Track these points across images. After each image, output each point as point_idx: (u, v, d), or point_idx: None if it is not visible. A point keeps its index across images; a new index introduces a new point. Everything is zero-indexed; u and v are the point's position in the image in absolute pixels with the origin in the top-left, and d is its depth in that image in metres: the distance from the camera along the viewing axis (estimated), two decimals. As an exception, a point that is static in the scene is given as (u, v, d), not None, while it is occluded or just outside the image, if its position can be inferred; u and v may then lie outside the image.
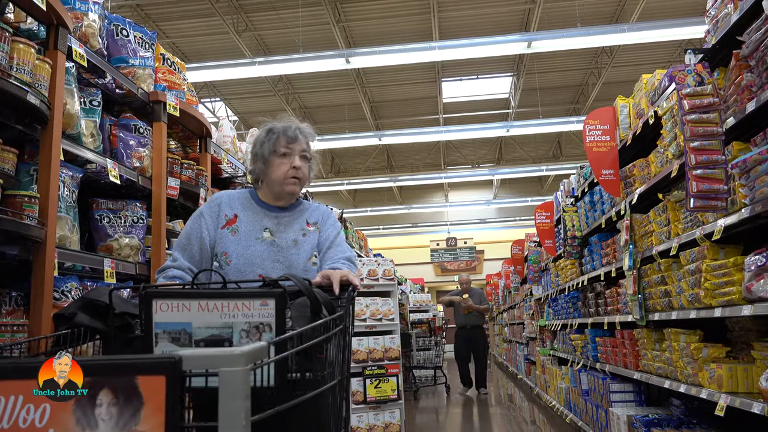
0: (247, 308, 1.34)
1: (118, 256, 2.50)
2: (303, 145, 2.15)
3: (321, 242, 2.15)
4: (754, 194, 2.23)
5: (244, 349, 0.93)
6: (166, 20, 11.67)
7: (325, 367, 1.40)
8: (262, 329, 1.34)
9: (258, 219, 2.11)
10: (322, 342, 1.35)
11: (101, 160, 2.33)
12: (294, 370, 1.31)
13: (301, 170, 2.12)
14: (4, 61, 1.74)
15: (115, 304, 1.47)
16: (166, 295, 1.36)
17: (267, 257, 2.04)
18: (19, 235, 1.80)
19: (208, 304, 1.33)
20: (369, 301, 5.54)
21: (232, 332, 1.33)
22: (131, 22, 2.73)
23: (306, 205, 2.25)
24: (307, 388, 1.30)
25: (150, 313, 1.34)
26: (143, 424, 0.90)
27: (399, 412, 5.43)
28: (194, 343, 1.33)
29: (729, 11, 2.43)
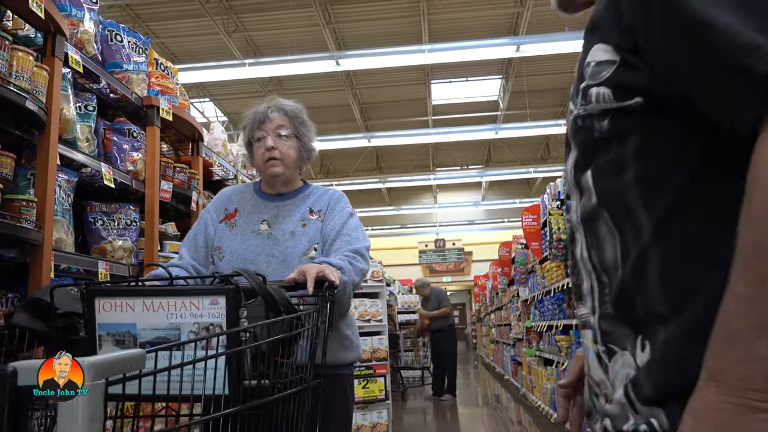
0: (195, 307, 1.21)
1: (111, 258, 2.55)
2: (278, 122, 2.03)
3: (326, 233, 1.98)
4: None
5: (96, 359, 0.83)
6: (156, 20, 11.67)
7: (291, 372, 1.29)
8: (212, 331, 1.21)
9: (257, 210, 2.04)
10: (277, 344, 1.24)
11: (96, 165, 2.38)
12: (251, 377, 1.20)
13: (277, 149, 2.00)
14: (3, 69, 1.79)
15: (60, 303, 1.31)
16: (110, 294, 1.25)
17: (261, 252, 1.95)
18: (17, 238, 1.85)
19: (153, 303, 1.22)
20: (357, 302, 5.60)
21: (180, 334, 1.21)
22: (125, 27, 2.78)
23: (312, 191, 2.12)
24: (266, 396, 1.20)
25: (93, 313, 1.24)
26: None
27: (386, 412, 5.50)
28: (139, 346, 1.21)
29: None
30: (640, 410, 0.71)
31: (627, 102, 0.75)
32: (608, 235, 0.78)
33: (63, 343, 1.32)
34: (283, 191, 2.08)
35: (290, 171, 2.06)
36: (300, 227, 1.98)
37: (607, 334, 0.78)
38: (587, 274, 0.83)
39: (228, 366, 1.16)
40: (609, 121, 0.77)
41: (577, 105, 0.82)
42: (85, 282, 1.30)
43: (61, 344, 1.31)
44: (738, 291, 0.61)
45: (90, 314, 1.25)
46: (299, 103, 2.16)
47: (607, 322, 0.78)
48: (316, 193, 2.10)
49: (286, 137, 2.03)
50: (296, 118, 2.07)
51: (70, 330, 1.35)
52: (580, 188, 0.83)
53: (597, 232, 0.80)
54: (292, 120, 2.06)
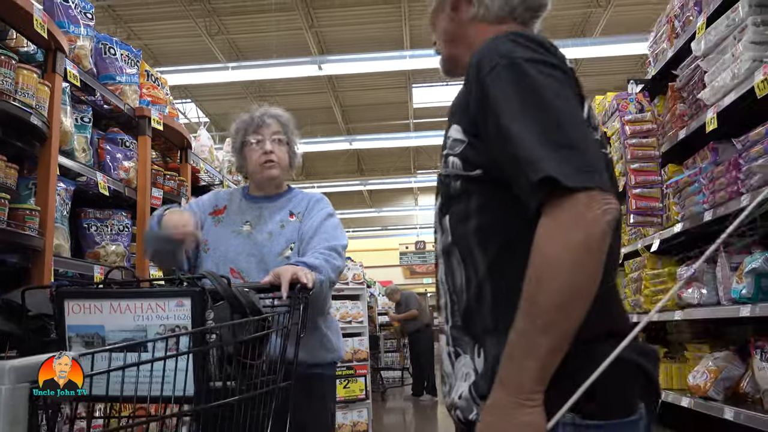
0: (161, 309, 1.21)
1: (105, 262, 2.66)
2: (274, 128, 2.13)
3: (303, 232, 2.05)
4: (684, 212, 2.51)
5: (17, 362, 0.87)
6: (138, 21, 11.67)
7: (259, 374, 1.30)
8: (177, 331, 1.20)
9: (242, 212, 2.13)
10: (243, 346, 1.25)
11: (92, 174, 2.50)
12: (216, 378, 1.22)
13: (274, 153, 2.10)
14: (10, 86, 1.91)
15: (31, 305, 1.33)
16: (78, 295, 1.26)
17: (242, 251, 2.02)
18: (21, 245, 1.97)
19: (120, 304, 1.22)
20: (339, 304, 5.74)
21: (146, 335, 1.21)
22: (118, 40, 2.90)
23: (295, 194, 2.21)
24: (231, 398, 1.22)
25: (62, 314, 1.26)
26: None
27: (366, 411, 5.65)
28: (107, 346, 1.21)
29: (666, 47, 2.71)
30: (480, 404, 0.95)
31: (471, 172, 1.01)
32: (458, 267, 1.05)
33: (35, 345, 1.34)
34: (269, 193, 2.17)
35: (284, 174, 2.18)
36: (278, 228, 2.06)
37: (456, 339, 1.05)
38: (444, 293, 1.09)
39: (194, 368, 1.18)
40: (460, 183, 1.03)
41: (442, 166, 1.09)
42: (55, 284, 1.31)
43: (33, 346, 1.33)
44: (517, 326, 0.89)
45: (59, 316, 1.25)
46: (287, 111, 2.27)
47: (456, 331, 1.05)
48: (298, 196, 2.19)
49: (281, 143, 2.15)
50: (288, 126, 2.19)
51: (41, 332, 1.36)
52: (442, 227, 1.09)
53: (451, 263, 1.07)
54: (284, 127, 2.17)
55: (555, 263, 0.86)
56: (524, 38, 0.99)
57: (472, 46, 1.10)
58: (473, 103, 0.99)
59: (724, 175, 2.20)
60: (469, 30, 1.19)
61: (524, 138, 0.89)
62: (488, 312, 0.99)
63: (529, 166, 0.87)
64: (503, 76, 0.94)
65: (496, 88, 0.94)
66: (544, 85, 0.93)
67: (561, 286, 0.86)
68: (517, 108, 0.91)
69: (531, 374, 0.87)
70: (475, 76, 0.99)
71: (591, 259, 0.86)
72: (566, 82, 0.96)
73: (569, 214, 0.86)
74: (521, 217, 0.93)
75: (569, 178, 0.85)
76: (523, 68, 0.94)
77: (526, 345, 0.87)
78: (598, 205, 0.86)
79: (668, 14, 2.70)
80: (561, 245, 0.86)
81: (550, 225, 0.87)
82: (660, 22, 2.81)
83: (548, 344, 0.86)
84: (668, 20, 2.68)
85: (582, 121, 0.95)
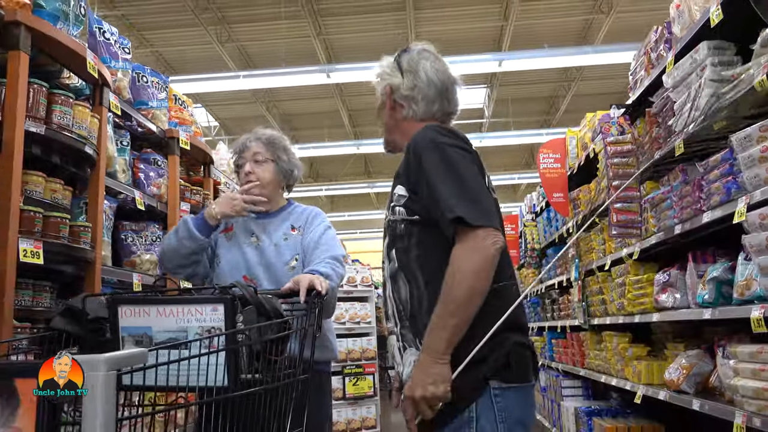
0: (199, 313, 1.40)
1: (140, 269, 2.97)
2: (254, 150, 2.30)
3: (306, 245, 2.25)
4: (659, 225, 2.80)
5: (107, 355, 1.00)
6: (150, 29, 11.98)
7: (282, 368, 1.48)
8: (213, 333, 1.40)
9: (248, 228, 2.32)
10: (268, 344, 1.44)
11: (130, 192, 2.81)
12: (246, 372, 1.40)
13: (254, 174, 2.27)
14: (69, 121, 2.22)
15: (90, 309, 1.54)
16: (130, 302, 1.45)
17: (251, 260, 2.23)
18: (78, 257, 2.28)
19: (165, 309, 1.41)
20: (348, 305, 6.05)
21: (187, 336, 1.40)
22: (150, 69, 3.21)
23: (293, 209, 2.40)
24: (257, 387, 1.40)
25: (116, 318, 1.44)
26: (20, 422, 1.00)
27: (375, 407, 5.95)
28: (155, 345, 1.41)
29: (643, 76, 2.99)
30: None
31: (412, 217, 1.53)
32: (403, 285, 1.56)
33: (93, 344, 1.56)
34: (270, 210, 2.35)
35: (267, 191, 2.32)
36: (283, 240, 2.27)
37: (404, 336, 1.55)
38: (391, 305, 1.60)
39: (227, 362, 1.36)
40: (404, 226, 1.55)
41: (389, 214, 1.60)
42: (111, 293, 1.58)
43: (92, 344, 1.56)
44: (436, 311, 1.41)
45: (114, 319, 1.45)
46: (280, 132, 2.47)
47: (404, 331, 1.55)
48: (297, 211, 2.39)
49: (263, 162, 2.31)
50: (273, 145, 2.34)
51: (98, 332, 1.56)
52: (389, 258, 1.61)
53: (398, 283, 1.57)
54: (268, 146, 2.33)
55: (462, 272, 1.37)
56: (444, 129, 1.57)
57: (405, 134, 1.68)
58: (412, 171, 1.52)
59: (690, 194, 2.49)
60: (402, 124, 1.73)
61: (445, 192, 1.42)
62: (426, 313, 1.47)
63: (448, 210, 1.40)
64: (431, 153, 1.49)
65: (427, 161, 1.48)
66: (457, 161, 1.48)
67: (465, 286, 1.37)
68: (441, 174, 1.45)
69: (443, 343, 1.38)
70: (413, 152, 1.52)
71: (484, 272, 1.38)
72: (470, 159, 1.52)
73: (472, 242, 1.38)
74: (444, 248, 1.44)
75: (473, 220, 1.38)
76: (444, 149, 1.49)
77: (441, 323, 1.39)
78: (491, 238, 1.39)
79: (646, 46, 2.98)
80: (466, 261, 1.38)
81: (459, 248, 1.40)
82: (639, 52, 3.09)
83: (455, 323, 1.38)
84: (645, 52, 2.96)
85: (481, 185, 1.49)
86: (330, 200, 23.10)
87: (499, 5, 11.11)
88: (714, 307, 2.35)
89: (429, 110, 1.71)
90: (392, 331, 1.60)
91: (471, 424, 1.43)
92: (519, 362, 1.46)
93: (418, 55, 1.75)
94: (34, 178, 2.14)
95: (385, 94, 1.76)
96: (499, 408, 1.43)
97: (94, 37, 2.71)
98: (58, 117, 2.18)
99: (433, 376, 1.38)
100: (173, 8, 11.03)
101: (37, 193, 2.14)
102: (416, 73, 1.71)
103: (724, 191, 2.20)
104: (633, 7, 10.84)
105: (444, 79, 1.73)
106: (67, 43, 2.21)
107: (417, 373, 1.41)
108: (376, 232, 23.40)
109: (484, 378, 1.43)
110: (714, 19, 2.19)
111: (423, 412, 1.40)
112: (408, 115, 1.72)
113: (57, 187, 2.26)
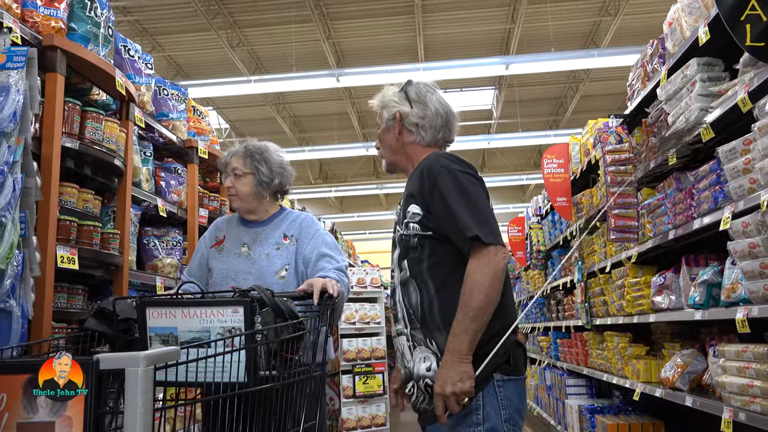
0: (221, 315, 1.50)
1: (162, 273, 3.14)
2: (233, 165, 2.38)
3: (306, 256, 2.29)
4: (655, 230, 2.93)
5: (147, 352, 1.10)
6: (163, 34, 12.20)
7: (297, 365, 1.59)
8: (234, 332, 1.51)
9: (239, 236, 2.38)
10: (284, 343, 1.56)
11: (154, 200, 2.98)
12: (264, 368, 1.50)
13: (233, 187, 2.36)
14: (99, 136, 2.39)
15: (120, 311, 1.66)
16: (157, 304, 1.56)
17: (241, 270, 2.28)
18: (108, 262, 2.46)
19: (190, 311, 1.52)
20: (358, 306, 6.20)
21: (210, 335, 1.50)
22: (171, 82, 3.38)
23: (285, 216, 2.43)
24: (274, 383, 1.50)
25: (144, 319, 1.54)
26: (70, 410, 1.11)
27: (384, 405, 6.09)
28: (180, 344, 1.51)
29: (640, 88, 3.13)
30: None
31: (425, 233, 1.74)
32: (414, 291, 1.75)
33: (123, 343, 1.67)
34: (254, 219, 2.40)
35: (247, 203, 2.40)
36: (274, 250, 2.31)
37: (414, 336, 1.74)
38: (401, 309, 1.79)
39: (246, 360, 1.47)
40: (417, 239, 1.75)
41: (402, 229, 1.80)
42: (139, 296, 1.67)
43: (122, 343, 1.67)
44: (457, 318, 1.61)
45: (142, 320, 1.55)
46: (262, 142, 2.50)
47: (414, 332, 1.74)
48: (289, 218, 2.41)
49: (242, 175, 2.37)
50: (251, 157, 2.39)
51: (127, 332, 1.68)
52: (401, 268, 1.80)
53: (408, 289, 1.77)
54: (246, 160, 2.39)
55: (478, 284, 1.60)
56: (454, 158, 1.79)
57: (409, 157, 1.93)
58: (426, 192, 1.74)
59: (682, 201, 2.62)
60: (408, 147, 1.94)
61: (461, 214, 1.65)
62: (436, 317, 1.70)
63: (466, 229, 1.63)
64: (446, 179, 1.71)
65: (443, 186, 1.70)
66: (468, 186, 1.71)
67: (483, 295, 1.59)
68: (456, 198, 1.68)
69: (465, 344, 1.59)
70: (428, 176, 1.75)
71: (497, 282, 1.61)
72: (479, 184, 1.75)
73: (486, 258, 1.62)
74: (453, 260, 1.70)
75: (486, 238, 1.62)
76: (456, 175, 1.72)
77: (463, 328, 1.59)
78: (501, 254, 1.63)
79: (642, 59, 3.12)
80: (481, 274, 1.60)
81: (475, 263, 1.62)
82: (636, 65, 3.23)
83: (475, 327, 1.59)
84: (642, 65, 3.10)
85: (489, 207, 1.73)
86: (339, 201, 23.28)
87: (507, 8, 11.24)
88: (705, 309, 2.49)
89: (434, 137, 1.93)
90: (401, 332, 1.78)
91: (478, 411, 1.63)
92: (517, 358, 1.70)
93: (424, 87, 1.96)
94: (69, 190, 2.31)
95: (394, 119, 1.94)
96: (502, 397, 1.64)
97: (119, 54, 2.88)
98: (90, 132, 2.35)
99: (460, 374, 1.57)
100: (185, 13, 11.24)
101: (71, 203, 2.32)
102: (425, 104, 1.92)
103: (712, 200, 2.34)
104: (640, 9, 10.94)
105: (448, 111, 1.95)
106: (98, 64, 2.38)
107: (444, 372, 1.59)
108: (385, 233, 23.56)
109: (490, 371, 1.64)
110: (702, 38, 2.32)
111: (451, 406, 1.58)
112: (416, 140, 1.92)
113: (88, 197, 2.43)
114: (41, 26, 2.20)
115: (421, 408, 1.72)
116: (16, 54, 1.84)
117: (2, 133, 1.72)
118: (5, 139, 1.73)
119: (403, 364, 1.78)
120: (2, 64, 1.83)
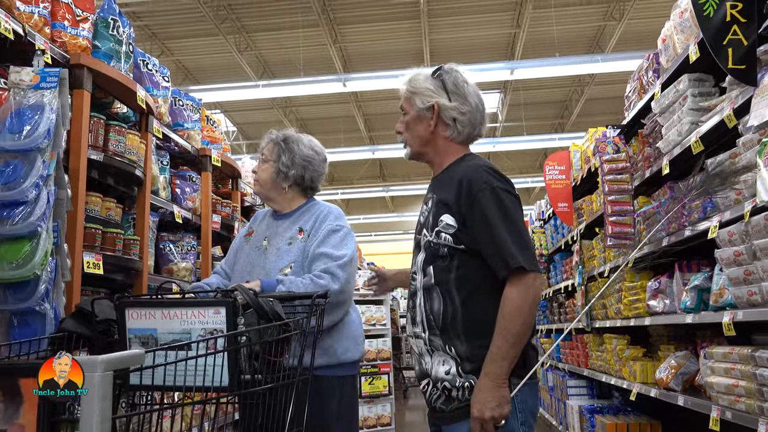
0: (202, 316, 1.42)
1: (177, 276, 3.28)
2: (264, 149, 2.36)
3: (310, 253, 2.17)
4: (650, 237, 3.05)
5: (105, 357, 1.05)
6: (172, 38, 12.37)
7: (281, 369, 1.51)
8: (215, 335, 1.42)
9: (264, 230, 2.35)
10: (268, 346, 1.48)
11: (170, 207, 3.12)
12: (246, 372, 1.43)
13: (257, 174, 2.34)
14: (122, 148, 2.53)
15: (99, 311, 1.57)
16: (136, 305, 1.49)
17: (256, 264, 2.23)
18: (129, 267, 2.60)
19: (170, 312, 1.44)
20: (364, 308, 6.34)
21: (191, 337, 1.42)
22: (186, 93, 3.53)
23: (307, 209, 2.32)
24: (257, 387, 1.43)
25: (124, 320, 1.48)
26: (23, 418, 1.06)
27: (390, 405, 6.22)
28: (159, 346, 1.43)
29: (636, 99, 3.26)
30: (465, 376, 1.70)
31: (458, 246, 1.71)
32: (437, 298, 1.74)
33: (102, 344, 1.58)
34: (280, 210, 2.35)
35: (266, 190, 2.35)
36: (286, 245, 2.22)
37: (432, 342, 1.75)
38: (420, 313, 1.78)
39: (228, 363, 1.40)
40: (447, 250, 1.73)
41: (432, 235, 1.76)
42: (117, 296, 1.55)
43: (101, 345, 1.58)
44: (496, 342, 1.62)
45: (121, 321, 1.48)
46: (302, 134, 2.46)
47: (433, 337, 1.75)
48: (310, 211, 2.30)
49: (266, 161, 2.34)
50: (278, 145, 2.34)
51: (106, 333, 1.60)
52: (425, 273, 1.77)
53: (431, 295, 1.75)
54: (274, 146, 2.34)
55: (518, 308, 1.61)
56: (495, 172, 1.76)
57: (439, 151, 1.86)
58: (464, 206, 1.70)
59: (675, 209, 2.75)
60: (440, 141, 1.86)
61: (505, 239, 1.64)
62: (459, 327, 1.73)
63: (510, 256, 1.62)
64: (487, 195, 1.68)
65: (485, 204, 1.68)
66: (509, 206, 1.69)
67: (522, 321, 1.61)
68: (499, 221, 1.66)
69: (504, 369, 1.62)
70: (467, 191, 1.71)
71: (534, 307, 1.63)
72: (518, 203, 1.73)
73: (525, 284, 1.62)
74: (482, 275, 1.70)
75: (528, 266, 1.62)
76: (497, 193, 1.69)
77: (503, 354, 1.61)
78: (539, 281, 1.65)
79: (639, 72, 3.25)
80: (522, 299, 1.61)
81: (516, 290, 1.62)
82: (633, 77, 3.36)
83: (514, 353, 1.62)
84: (638, 78, 3.23)
85: (526, 230, 1.69)
86: (345, 204, 23.43)
87: (512, 13, 11.36)
88: (695, 313, 2.61)
89: (471, 134, 1.85)
90: (418, 335, 1.78)
91: None
92: (532, 363, 1.74)
93: (461, 78, 1.83)
94: (93, 199, 2.45)
95: (430, 110, 1.82)
96: (519, 400, 1.68)
97: (138, 68, 3.03)
98: (114, 145, 2.50)
99: (498, 399, 1.61)
100: (194, 18, 11.41)
101: (95, 212, 2.46)
102: (465, 98, 1.81)
103: (702, 209, 2.46)
104: (645, 14, 11.04)
105: (483, 104, 1.86)
106: (121, 80, 2.53)
107: (483, 397, 1.61)
108: (390, 235, 23.71)
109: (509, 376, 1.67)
110: (692, 56, 2.45)
111: (488, 429, 1.62)
112: (451, 135, 1.82)
113: (111, 205, 2.58)
114: (68, 45, 2.35)
115: (437, 407, 1.76)
116: (50, 75, 1.98)
117: (38, 149, 1.86)
118: (40, 154, 1.87)
119: (419, 362, 1.80)
120: (36, 85, 1.97)
